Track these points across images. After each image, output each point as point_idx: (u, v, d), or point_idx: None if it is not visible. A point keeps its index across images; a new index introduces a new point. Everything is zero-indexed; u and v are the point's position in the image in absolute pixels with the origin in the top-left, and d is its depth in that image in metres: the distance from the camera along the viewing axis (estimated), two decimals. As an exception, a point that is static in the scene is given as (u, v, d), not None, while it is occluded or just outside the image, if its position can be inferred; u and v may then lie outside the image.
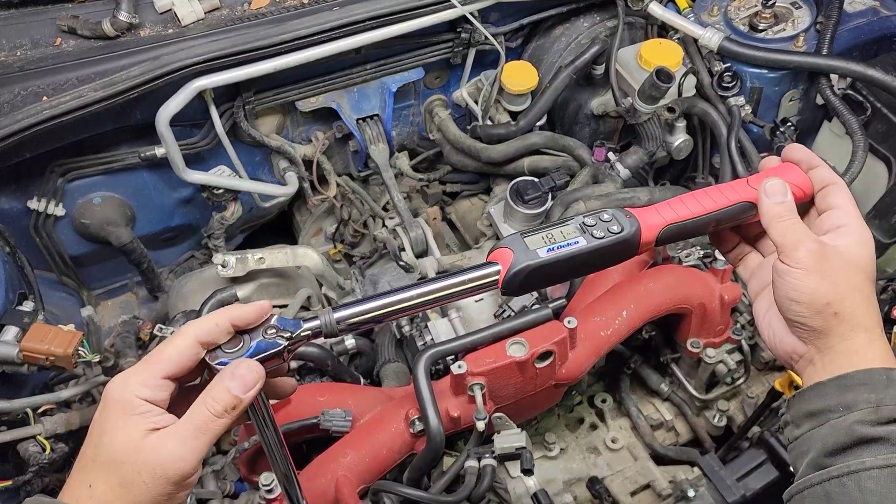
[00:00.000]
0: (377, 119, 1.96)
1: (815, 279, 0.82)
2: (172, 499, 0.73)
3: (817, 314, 0.82)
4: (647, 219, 0.89)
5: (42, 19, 1.62)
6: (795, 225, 0.86)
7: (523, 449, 1.33)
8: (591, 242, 0.86)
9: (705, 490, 1.47)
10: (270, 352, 0.78)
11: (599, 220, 0.88)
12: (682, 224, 0.90)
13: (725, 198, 0.91)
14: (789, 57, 1.74)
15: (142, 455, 0.71)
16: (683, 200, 0.91)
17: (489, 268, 0.86)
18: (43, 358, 1.33)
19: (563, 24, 2.00)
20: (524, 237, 0.87)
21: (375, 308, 0.83)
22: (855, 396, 0.79)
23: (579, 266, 0.88)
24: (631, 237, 0.88)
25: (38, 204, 1.70)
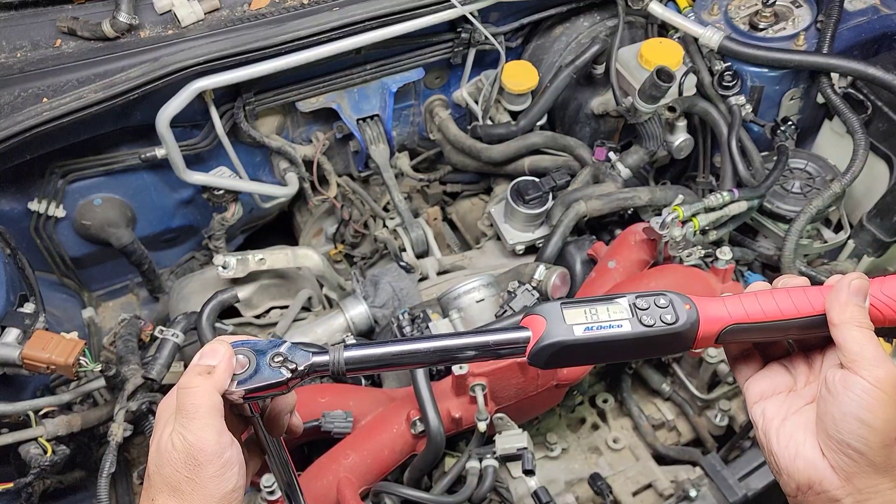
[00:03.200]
0: (377, 119, 1.96)
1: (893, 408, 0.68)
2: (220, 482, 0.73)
3: (883, 448, 0.68)
4: (710, 310, 0.77)
5: (42, 21, 1.62)
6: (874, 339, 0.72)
7: (525, 449, 1.33)
8: (637, 329, 0.75)
9: (707, 490, 1.47)
10: (272, 381, 0.76)
11: (654, 305, 0.76)
12: (750, 325, 0.76)
13: (811, 305, 0.75)
14: (790, 56, 1.74)
15: (173, 456, 0.73)
16: (758, 297, 0.77)
17: (519, 332, 0.77)
18: (44, 366, 1.32)
19: (563, 23, 1.99)
20: (564, 307, 0.77)
21: (388, 355, 0.78)
22: None
23: (619, 351, 0.78)
24: (685, 331, 0.76)
25: (39, 205, 1.70)
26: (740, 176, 1.73)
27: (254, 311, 1.75)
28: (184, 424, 0.73)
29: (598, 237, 1.75)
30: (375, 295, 1.68)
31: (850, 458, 0.70)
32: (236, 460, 0.75)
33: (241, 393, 0.76)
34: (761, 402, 0.78)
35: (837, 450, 0.71)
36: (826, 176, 1.75)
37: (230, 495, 0.74)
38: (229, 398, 0.76)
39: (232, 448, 0.74)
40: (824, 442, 0.72)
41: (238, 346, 0.78)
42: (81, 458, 1.58)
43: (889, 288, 0.76)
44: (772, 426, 0.76)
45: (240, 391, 0.76)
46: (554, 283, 1.56)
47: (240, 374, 0.76)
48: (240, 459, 0.75)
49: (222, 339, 0.77)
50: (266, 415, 0.82)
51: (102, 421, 1.49)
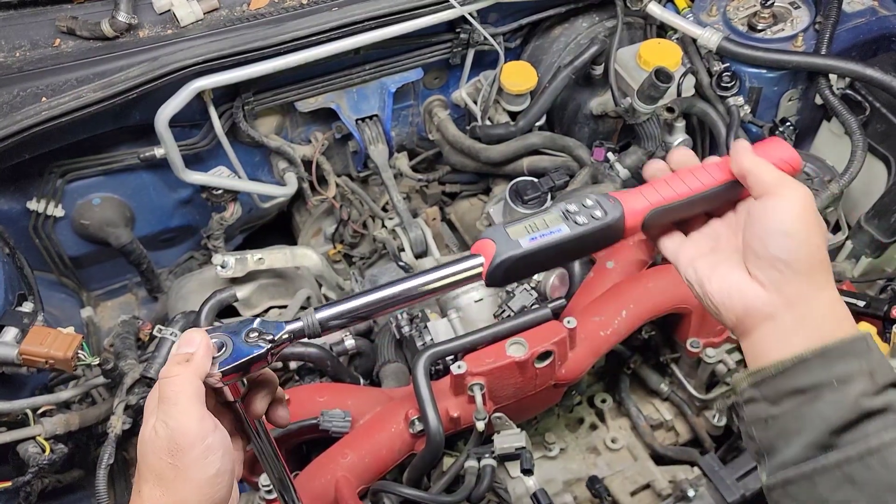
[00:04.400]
0: (376, 119, 1.96)
1: (810, 216, 0.77)
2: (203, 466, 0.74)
3: (806, 253, 0.77)
4: (631, 202, 0.86)
5: (41, 20, 1.63)
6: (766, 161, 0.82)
7: (523, 449, 1.33)
8: (575, 230, 0.84)
9: (705, 490, 1.47)
10: (253, 355, 0.78)
11: (582, 207, 0.86)
12: (669, 206, 0.86)
13: (712, 177, 0.86)
14: (788, 57, 1.74)
15: (156, 443, 0.74)
16: (668, 181, 0.87)
17: (472, 260, 0.85)
18: (42, 361, 1.33)
19: (561, 24, 2.00)
20: (506, 227, 0.85)
21: (358, 307, 0.82)
22: (846, 368, 0.75)
23: (563, 253, 0.86)
24: (615, 222, 0.85)
25: (38, 205, 1.70)
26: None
27: (252, 310, 1.75)
28: (166, 412, 0.74)
29: (597, 237, 1.75)
30: (374, 295, 1.68)
31: (778, 271, 0.77)
32: (219, 445, 0.76)
33: (219, 375, 0.77)
34: (691, 264, 0.86)
35: (766, 266, 0.78)
36: (824, 177, 1.75)
37: (213, 479, 0.75)
38: (210, 382, 0.77)
39: (215, 433, 0.75)
40: (753, 264, 0.80)
41: (213, 333, 0.79)
42: (80, 456, 1.57)
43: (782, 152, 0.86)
44: (704, 275, 0.84)
45: (218, 373, 0.77)
46: (552, 283, 1.56)
47: (220, 357, 0.78)
48: (224, 445, 0.76)
49: (197, 329, 0.79)
50: (246, 399, 0.84)
51: (101, 420, 1.49)
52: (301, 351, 1.50)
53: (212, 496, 0.75)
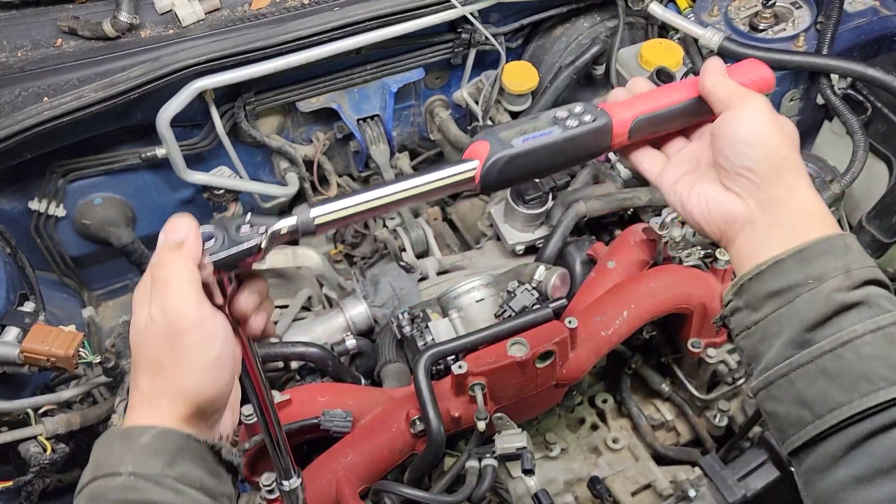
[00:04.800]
0: (378, 119, 1.96)
1: (768, 123, 0.80)
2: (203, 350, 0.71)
3: (767, 157, 0.79)
4: (618, 113, 0.90)
5: (43, 20, 1.63)
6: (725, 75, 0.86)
7: (524, 449, 1.33)
8: (566, 132, 0.87)
9: (706, 490, 1.47)
10: (247, 247, 0.74)
11: (571, 113, 0.89)
12: (652, 115, 0.90)
13: (688, 92, 0.90)
14: (790, 57, 1.74)
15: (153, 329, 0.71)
16: (651, 95, 0.91)
17: (466, 164, 0.86)
18: (44, 359, 1.33)
19: (563, 24, 2.00)
20: (499, 131, 0.87)
21: (352, 204, 0.80)
22: (822, 266, 0.76)
23: (555, 156, 0.88)
24: (603, 126, 0.88)
25: (39, 205, 1.71)
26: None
27: (254, 310, 1.75)
28: (161, 296, 0.71)
29: (598, 237, 1.75)
30: (375, 294, 1.68)
31: (746, 179, 0.80)
32: (220, 329, 0.73)
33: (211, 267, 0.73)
34: (672, 186, 0.90)
35: (735, 176, 0.81)
36: (825, 177, 1.75)
37: (216, 363, 0.72)
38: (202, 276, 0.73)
39: (215, 318, 0.72)
40: (724, 177, 0.83)
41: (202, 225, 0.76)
42: (81, 456, 1.57)
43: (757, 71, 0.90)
44: (684, 193, 0.87)
45: (209, 263, 0.73)
46: (554, 283, 1.56)
47: (210, 247, 0.74)
48: (225, 330, 0.73)
49: (183, 214, 0.75)
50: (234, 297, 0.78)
51: (102, 419, 1.49)
52: (302, 351, 1.50)
53: (214, 382, 0.72)
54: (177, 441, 0.69)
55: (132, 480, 0.66)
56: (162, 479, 0.67)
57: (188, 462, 0.69)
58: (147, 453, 0.68)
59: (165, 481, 0.67)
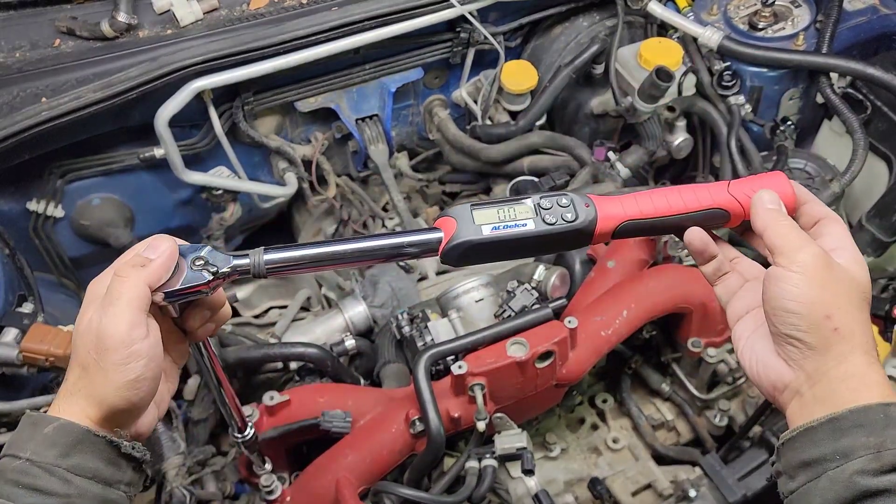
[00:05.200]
0: (376, 119, 1.96)
1: (817, 288, 0.73)
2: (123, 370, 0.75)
3: (815, 328, 0.73)
4: (608, 209, 0.84)
5: (41, 21, 1.62)
6: (796, 229, 0.78)
7: (524, 449, 1.33)
8: (540, 227, 0.82)
9: (706, 490, 1.47)
10: (194, 283, 0.78)
11: (556, 205, 0.83)
12: (643, 221, 0.84)
13: (698, 201, 0.84)
14: (789, 56, 1.74)
15: (86, 337, 0.76)
16: (652, 196, 0.84)
17: (432, 234, 0.83)
18: (42, 358, 1.33)
19: (562, 23, 1.99)
20: (474, 209, 0.83)
21: (307, 256, 0.81)
22: (852, 441, 0.69)
23: (524, 248, 0.85)
24: (584, 228, 0.83)
25: (38, 205, 1.70)
26: (739, 176, 1.73)
27: (253, 310, 1.75)
28: (104, 307, 0.76)
29: (598, 237, 1.75)
30: (374, 295, 1.68)
31: (793, 347, 0.74)
32: (146, 353, 0.76)
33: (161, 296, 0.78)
34: (738, 324, 0.84)
35: (783, 342, 0.75)
36: (825, 176, 1.75)
37: (132, 383, 0.76)
38: (155, 299, 0.78)
39: (143, 342, 0.76)
40: (774, 339, 0.77)
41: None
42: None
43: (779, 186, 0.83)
44: (740, 344, 0.82)
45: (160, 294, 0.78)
46: (553, 283, 1.56)
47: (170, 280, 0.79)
48: (151, 353, 0.77)
49: (167, 237, 0.80)
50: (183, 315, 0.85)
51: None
52: (301, 351, 1.50)
53: (129, 398, 0.76)
54: (76, 435, 0.74)
55: (27, 465, 0.73)
56: (53, 468, 0.73)
57: (85, 454, 0.75)
58: (45, 443, 0.74)
59: (56, 471, 0.73)
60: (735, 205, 0.83)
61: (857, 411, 0.71)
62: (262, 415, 1.35)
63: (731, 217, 0.84)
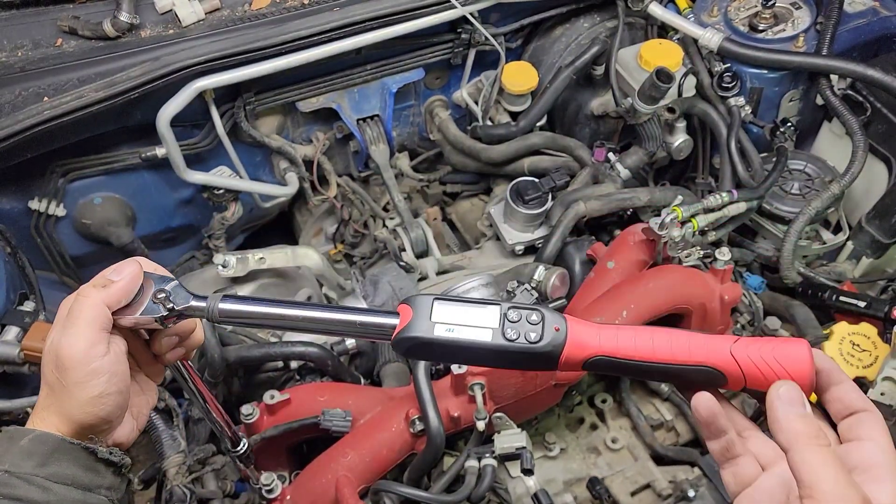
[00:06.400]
0: (378, 119, 1.96)
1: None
2: (84, 388, 0.77)
3: None
4: (581, 337, 0.75)
5: (43, 20, 1.63)
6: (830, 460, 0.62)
7: (523, 449, 1.33)
8: (497, 341, 0.75)
9: (705, 490, 1.47)
10: (149, 316, 0.81)
11: (524, 319, 0.76)
12: (620, 361, 0.74)
13: (689, 353, 0.71)
14: (789, 57, 1.74)
15: (48, 356, 0.79)
16: (636, 333, 0.74)
17: (388, 318, 0.78)
18: (43, 357, 1.33)
19: (563, 24, 2.00)
20: (436, 302, 0.77)
21: (261, 314, 0.82)
22: None
23: (478, 357, 0.77)
24: (547, 352, 0.74)
25: (39, 204, 1.71)
26: (739, 177, 1.73)
27: (253, 310, 1.75)
28: (64, 328, 0.78)
29: (598, 238, 1.76)
30: (375, 294, 1.68)
31: None
32: (107, 370, 0.78)
33: (131, 321, 0.81)
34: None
35: None
36: (825, 177, 1.75)
37: (96, 400, 0.78)
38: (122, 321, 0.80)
39: (104, 359, 0.78)
40: None
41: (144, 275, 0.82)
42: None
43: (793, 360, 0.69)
44: None
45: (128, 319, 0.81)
46: (553, 283, 1.57)
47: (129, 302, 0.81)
48: (112, 369, 0.79)
49: (135, 261, 0.82)
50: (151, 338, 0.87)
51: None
52: (301, 350, 1.50)
53: (96, 413, 0.78)
54: (51, 444, 0.77)
55: (5, 477, 0.74)
56: (31, 478, 0.75)
57: (62, 462, 0.76)
58: (22, 454, 0.76)
59: (34, 480, 0.75)
60: (734, 368, 0.70)
61: None
62: (263, 413, 1.36)
63: (727, 381, 0.71)
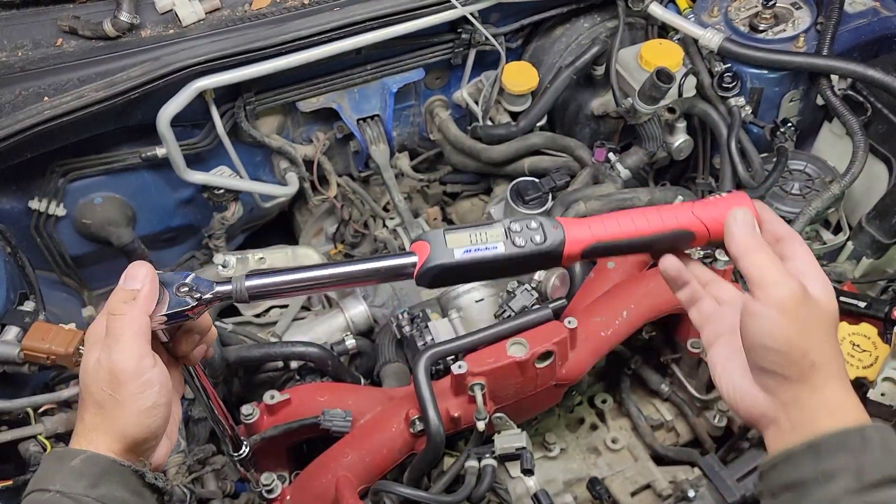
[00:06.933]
0: (378, 119, 1.96)
1: (795, 326, 0.74)
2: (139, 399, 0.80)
3: (793, 364, 0.75)
4: (576, 232, 0.87)
5: (43, 20, 1.63)
6: (774, 261, 0.77)
7: (523, 449, 1.33)
8: (510, 250, 0.86)
9: (705, 490, 1.47)
10: (180, 309, 0.83)
11: (525, 228, 0.87)
12: (611, 243, 0.87)
13: (663, 222, 0.86)
14: (790, 57, 1.74)
15: (97, 374, 0.80)
16: (618, 218, 0.87)
17: (407, 258, 0.87)
18: (44, 357, 1.33)
19: (563, 24, 2.00)
20: (447, 233, 0.87)
21: (288, 281, 0.86)
22: (833, 463, 0.72)
23: (495, 270, 0.88)
24: (552, 250, 0.86)
25: (39, 204, 1.71)
26: (739, 177, 1.73)
27: (253, 309, 1.76)
28: (110, 346, 0.80)
29: (598, 238, 1.75)
30: (375, 294, 1.68)
31: (771, 378, 0.77)
32: (157, 380, 0.81)
33: (162, 319, 0.83)
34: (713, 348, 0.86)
35: (760, 374, 0.78)
36: (825, 177, 1.75)
37: (150, 411, 0.81)
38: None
39: (154, 370, 0.81)
40: (752, 370, 0.79)
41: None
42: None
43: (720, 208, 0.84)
44: (717, 369, 0.84)
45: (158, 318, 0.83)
46: (553, 283, 1.57)
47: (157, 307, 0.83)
48: (161, 380, 0.82)
49: (142, 263, 0.84)
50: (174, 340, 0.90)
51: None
52: (302, 350, 1.50)
53: (148, 425, 0.81)
54: (103, 465, 0.78)
55: (57, 497, 0.75)
56: (82, 498, 0.75)
57: (112, 484, 0.78)
58: (73, 475, 0.77)
59: (85, 500, 0.75)
60: (699, 226, 0.85)
61: (837, 435, 0.74)
62: (263, 413, 1.36)
63: (696, 238, 0.86)
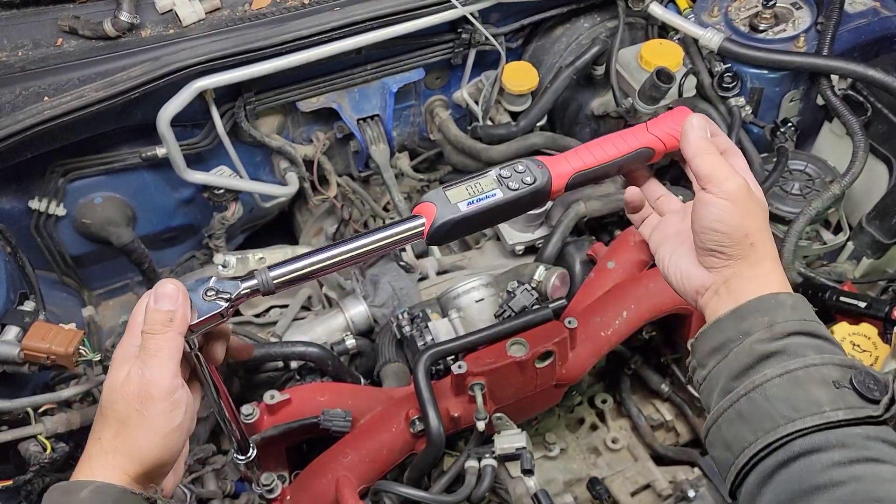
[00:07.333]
0: (378, 119, 1.96)
1: (740, 212, 0.86)
2: (167, 418, 0.79)
3: (737, 244, 0.86)
4: (557, 168, 0.95)
5: (43, 20, 1.63)
6: (722, 161, 0.90)
7: (523, 449, 1.33)
8: (507, 194, 0.92)
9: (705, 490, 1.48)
10: (213, 313, 0.84)
11: (514, 172, 0.93)
12: (589, 171, 0.95)
13: (627, 144, 0.96)
14: (790, 57, 1.74)
15: (127, 389, 0.79)
16: (589, 148, 0.96)
17: (414, 221, 0.91)
18: (44, 357, 1.33)
19: (563, 24, 2.00)
20: (446, 190, 0.92)
21: (309, 265, 0.88)
22: (750, 322, 0.84)
23: (496, 216, 0.94)
24: (542, 187, 0.93)
25: (40, 204, 1.71)
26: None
27: (253, 309, 1.76)
28: (145, 360, 0.79)
29: (598, 238, 1.76)
30: (375, 294, 1.68)
31: (715, 257, 0.89)
32: (185, 401, 0.81)
33: (199, 327, 0.83)
34: (661, 247, 0.99)
35: (706, 254, 0.89)
36: (825, 177, 1.75)
37: (175, 433, 0.80)
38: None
39: (182, 390, 0.81)
40: (698, 252, 0.91)
41: None
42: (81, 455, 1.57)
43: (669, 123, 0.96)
44: (665, 261, 0.97)
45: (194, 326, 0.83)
46: (553, 283, 1.57)
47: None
48: (188, 401, 0.82)
49: (172, 281, 0.83)
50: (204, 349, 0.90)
51: (102, 419, 1.49)
52: (302, 350, 1.50)
53: (169, 447, 0.80)
54: (113, 495, 0.76)
55: None
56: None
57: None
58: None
59: None
60: (657, 142, 0.96)
61: (755, 300, 0.86)
62: (263, 413, 1.36)
63: (655, 153, 0.97)
